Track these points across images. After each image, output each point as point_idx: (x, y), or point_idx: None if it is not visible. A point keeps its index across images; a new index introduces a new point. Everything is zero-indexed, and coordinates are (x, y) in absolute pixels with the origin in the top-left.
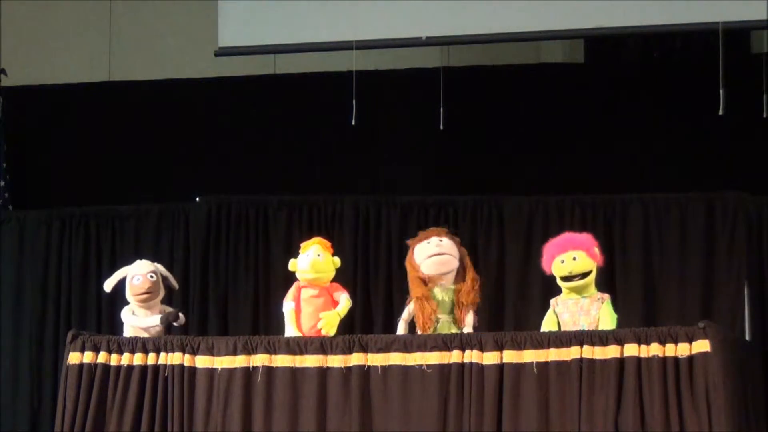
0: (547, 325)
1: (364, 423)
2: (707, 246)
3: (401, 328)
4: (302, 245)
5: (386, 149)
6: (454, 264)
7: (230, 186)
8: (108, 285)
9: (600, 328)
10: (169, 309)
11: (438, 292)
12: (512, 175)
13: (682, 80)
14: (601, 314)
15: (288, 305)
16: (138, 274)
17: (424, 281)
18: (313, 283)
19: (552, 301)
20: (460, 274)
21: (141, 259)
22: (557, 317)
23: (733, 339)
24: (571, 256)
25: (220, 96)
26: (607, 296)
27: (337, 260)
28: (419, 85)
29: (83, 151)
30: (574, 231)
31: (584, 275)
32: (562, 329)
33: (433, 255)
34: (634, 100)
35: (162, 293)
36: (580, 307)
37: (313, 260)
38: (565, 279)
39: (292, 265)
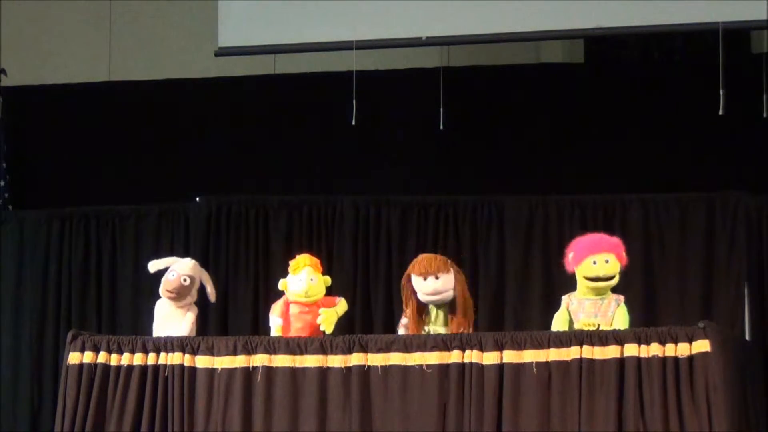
0: (559, 321)
1: (364, 423)
2: (707, 246)
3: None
4: (292, 264)
5: (386, 149)
6: (449, 296)
7: (230, 186)
8: (153, 266)
9: (614, 328)
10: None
11: (433, 308)
12: (512, 175)
13: (682, 80)
14: (616, 315)
15: (275, 320)
16: (175, 271)
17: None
18: (305, 304)
19: (565, 297)
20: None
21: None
22: (570, 315)
23: (733, 339)
24: (604, 258)
25: (220, 96)
26: (622, 297)
27: (327, 279)
28: (419, 85)
29: (83, 151)
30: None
31: (611, 278)
32: (575, 328)
33: (428, 294)
34: (634, 100)
35: (192, 299)
36: (597, 308)
37: (308, 287)
38: (592, 279)
39: (283, 285)
